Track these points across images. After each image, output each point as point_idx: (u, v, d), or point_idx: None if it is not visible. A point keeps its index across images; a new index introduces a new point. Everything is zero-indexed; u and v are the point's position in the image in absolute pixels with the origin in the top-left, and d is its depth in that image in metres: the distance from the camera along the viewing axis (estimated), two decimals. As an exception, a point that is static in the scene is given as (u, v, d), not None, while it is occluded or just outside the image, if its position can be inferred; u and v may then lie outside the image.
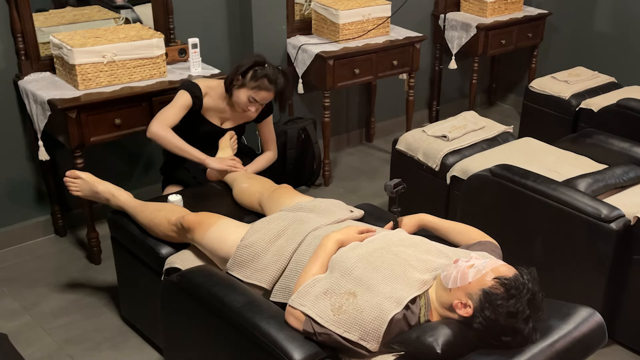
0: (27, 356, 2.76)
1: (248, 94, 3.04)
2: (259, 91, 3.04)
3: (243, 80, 3.03)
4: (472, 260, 1.92)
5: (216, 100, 3.14)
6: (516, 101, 5.40)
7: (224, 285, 2.15)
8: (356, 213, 2.51)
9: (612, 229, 2.59)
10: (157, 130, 3.00)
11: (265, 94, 3.05)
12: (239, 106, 3.09)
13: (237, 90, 3.06)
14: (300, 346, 1.89)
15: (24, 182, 3.52)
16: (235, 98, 3.07)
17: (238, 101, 3.07)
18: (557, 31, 5.13)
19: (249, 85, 3.03)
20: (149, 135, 3.03)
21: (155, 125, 3.01)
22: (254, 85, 3.03)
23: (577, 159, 3.29)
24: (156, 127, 3.00)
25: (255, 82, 3.02)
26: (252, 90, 3.03)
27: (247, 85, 3.03)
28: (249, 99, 3.05)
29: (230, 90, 3.08)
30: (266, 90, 3.04)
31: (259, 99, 3.06)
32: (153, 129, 3.00)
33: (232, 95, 3.08)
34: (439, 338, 1.79)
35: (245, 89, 3.04)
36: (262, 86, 3.03)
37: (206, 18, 3.84)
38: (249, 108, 3.08)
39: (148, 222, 2.62)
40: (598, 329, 1.96)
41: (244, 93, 3.05)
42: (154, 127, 3.00)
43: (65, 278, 3.31)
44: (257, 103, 3.08)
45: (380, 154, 4.68)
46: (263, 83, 3.02)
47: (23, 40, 3.24)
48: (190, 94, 3.06)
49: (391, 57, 4.13)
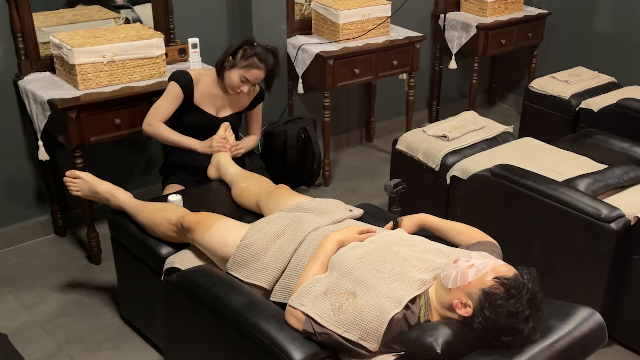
0: (27, 356, 2.76)
1: (239, 74, 3.07)
2: (250, 69, 3.06)
3: (233, 60, 3.07)
4: (472, 260, 1.92)
5: (209, 87, 3.16)
6: (516, 101, 5.40)
7: (224, 285, 2.15)
8: (356, 212, 2.51)
9: (612, 229, 2.59)
10: (147, 126, 3.11)
11: (256, 72, 3.08)
12: (232, 88, 3.11)
13: (229, 71, 3.08)
14: (300, 346, 1.89)
15: (24, 182, 3.52)
16: (227, 80, 3.10)
17: (230, 82, 3.10)
18: (557, 31, 5.13)
19: (239, 64, 3.06)
20: (144, 131, 3.13)
21: (146, 121, 3.11)
22: (244, 64, 3.05)
23: (577, 159, 3.29)
24: (147, 122, 3.10)
25: (246, 61, 3.05)
26: (243, 70, 3.06)
27: (238, 64, 3.06)
28: (241, 78, 3.08)
29: (221, 73, 3.11)
30: (257, 68, 3.07)
31: (250, 78, 3.08)
32: (144, 125, 3.12)
33: (224, 77, 3.10)
34: (439, 338, 1.79)
35: (236, 69, 3.07)
36: (253, 64, 3.06)
37: (206, 18, 3.84)
38: (241, 89, 3.11)
39: (148, 222, 2.62)
40: (598, 329, 1.96)
41: (235, 73, 3.07)
42: (145, 123, 3.11)
43: (65, 278, 3.31)
44: (249, 83, 3.10)
45: (380, 154, 4.68)
46: (253, 61, 3.05)
47: (23, 40, 3.24)
48: (179, 84, 3.09)
49: (391, 57, 4.13)
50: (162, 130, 3.10)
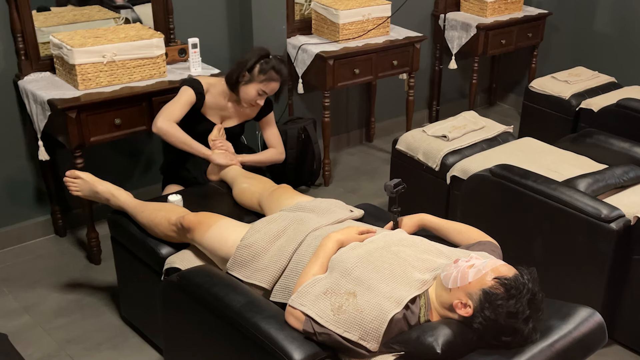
0: (27, 356, 2.76)
1: (257, 88, 3.06)
2: (269, 83, 3.06)
3: (250, 75, 3.05)
4: (472, 260, 1.92)
5: (217, 97, 3.15)
6: (516, 101, 5.40)
7: (224, 285, 2.15)
8: (356, 213, 2.51)
9: (612, 229, 2.59)
10: (163, 125, 2.99)
11: (274, 84, 3.09)
12: (247, 102, 3.11)
13: (245, 85, 3.07)
14: (300, 346, 1.89)
15: (24, 182, 3.52)
16: (243, 94, 3.08)
17: (247, 97, 3.08)
18: (557, 31, 5.13)
19: (257, 79, 3.05)
20: (155, 130, 3.02)
21: (160, 120, 3.00)
22: (263, 79, 3.05)
23: (577, 159, 3.29)
24: (161, 121, 3.00)
25: (265, 75, 3.04)
26: (261, 84, 3.06)
27: (256, 79, 3.05)
28: (259, 92, 3.07)
29: (236, 88, 3.09)
30: (275, 81, 3.08)
31: (268, 91, 3.09)
32: (159, 123, 3.00)
33: (240, 92, 3.09)
34: (439, 338, 1.79)
35: (254, 83, 3.05)
36: (271, 78, 3.06)
37: (206, 18, 3.84)
38: (257, 102, 3.11)
39: (148, 222, 2.62)
40: (598, 329, 1.96)
41: (252, 88, 3.06)
42: (159, 121, 3.00)
43: (65, 278, 3.31)
44: (265, 95, 3.11)
45: (380, 154, 4.68)
46: (272, 75, 3.05)
47: (23, 40, 3.24)
48: (193, 89, 3.07)
49: (391, 57, 4.13)
50: (176, 132, 3.01)
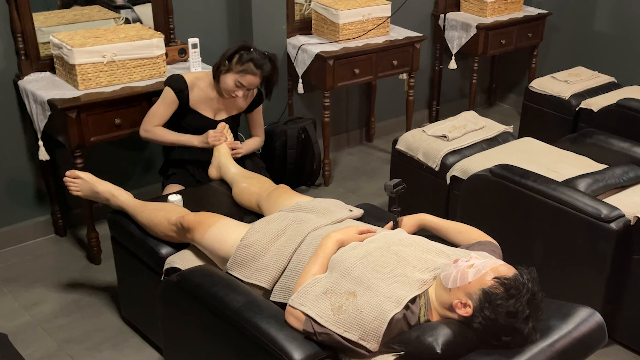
0: (27, 356, 2.76)
1: (234, 78, 3.07)
2: (245, 75, 3.06)
3: (229, 64, 3.06)
4: (471, 260, 1.92)
5: (205, 90, 3.16)
6: (516, 101, 5.40)
7: (224, 285, 2.15)
8: (355, 212, 2.51)
9: (612, 229, 2.59)
10: (143, 134, 3.16)
11: (251, 77, 3.08)
12: (227, 92, 3.12)
13: (224, 75, 3.08)
14: (300, 346, 1.89)
15: (24, 182, 3.52)
16: (222, 84, 3.10)
17: (225, 87, 3.10)
18: (557, 31, 5.13)
19: (235, 69, 3.06)
20: (141, 137, 3.16)
21: (141, 130, 3.16)
22: (240, 69, 3.05)
23: (577, 159, 3.29)
24: (142, 131, 3.16)
25: (242, 66, 3.05)
26: (238, 74, 3.06)
27: (233, 69, 3.06)
28: (236, 83, 3.08)
29: (217, 76, 3.11)
30: (252, 74, 3.07)
31: (245, 83, 3.08)
32: (141, 133, 3.16)
33: (220, 81, 3.10)
34: (439, 338, 1.79)
35: (231, 73, 3.07)
36: (248, 70, 3.06)
37: (206, 18, 3.84)
38: (236, 93, 3.11)
39: (148, 222, 2.62)
40: (598, 329, 1.96)
41: (230, 77, 3.07)
42: (141, 131, 3.17)
43: (65, 278, 3.31)
44: (244, 88, 3.10)
45: (380, 154, 4.68)
46: (249, 67, 3.05)
47: (23, 40, 3.24)
48: (172, 89, 3.09)
49: (391, 57, 4.14)
50: (158, 133, 3.13)
